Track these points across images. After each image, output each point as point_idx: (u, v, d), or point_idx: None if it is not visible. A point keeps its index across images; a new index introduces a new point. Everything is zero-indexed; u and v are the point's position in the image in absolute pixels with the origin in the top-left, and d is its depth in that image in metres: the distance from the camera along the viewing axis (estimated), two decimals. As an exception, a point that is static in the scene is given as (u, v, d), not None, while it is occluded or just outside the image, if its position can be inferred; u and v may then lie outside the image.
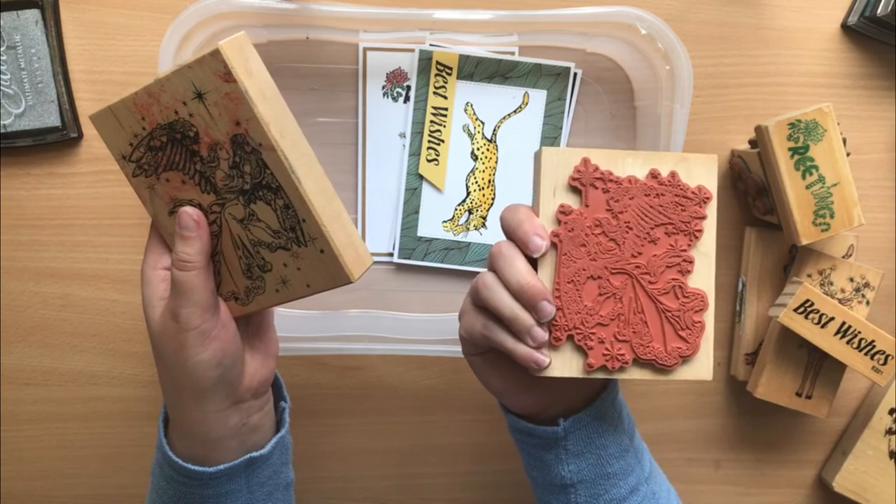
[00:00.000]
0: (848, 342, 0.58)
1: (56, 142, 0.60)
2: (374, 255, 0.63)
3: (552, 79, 0.62)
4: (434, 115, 0.62)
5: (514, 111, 0.63)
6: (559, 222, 0.45)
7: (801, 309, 0.58)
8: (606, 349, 0.45)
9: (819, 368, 0.62)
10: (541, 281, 0.43)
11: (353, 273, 0.43)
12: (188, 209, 0.44)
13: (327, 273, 0.43)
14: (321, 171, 0.44)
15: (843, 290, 0.61)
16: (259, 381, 0.47)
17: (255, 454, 0.46)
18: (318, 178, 0.44)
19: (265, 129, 0.41)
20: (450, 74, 0.62)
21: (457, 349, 0.61)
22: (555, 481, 0.49)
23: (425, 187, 0.63)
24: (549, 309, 0.43)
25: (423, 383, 0.66)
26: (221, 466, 0.45)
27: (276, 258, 0.44)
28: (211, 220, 0.45)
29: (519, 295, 0.43)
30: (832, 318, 0.58)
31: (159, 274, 0.45)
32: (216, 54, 0.40)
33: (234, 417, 0.45)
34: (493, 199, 0.64)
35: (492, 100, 0.62)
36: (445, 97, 0.62)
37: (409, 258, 0.64)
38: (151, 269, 0.46)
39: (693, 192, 0.45)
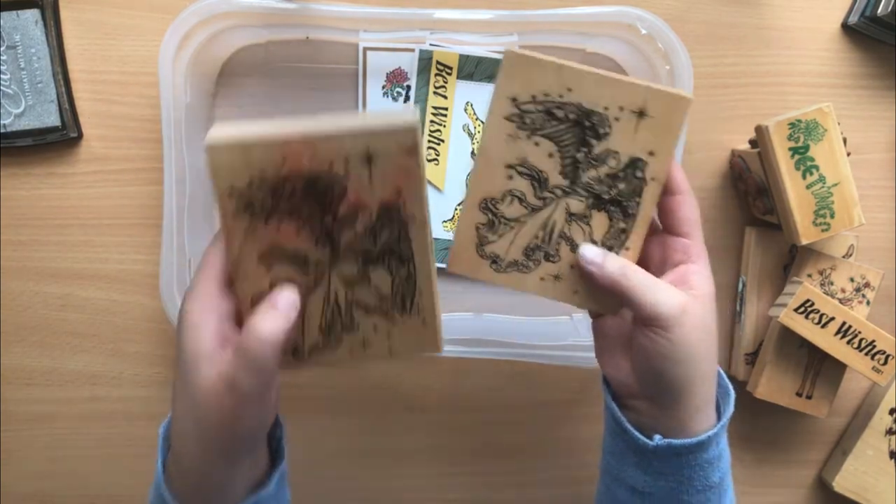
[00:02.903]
0: (848, 342, 0.58)
1: (56, 142, 0.60)
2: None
3: (552, 79, 0.62)
4: (434, 114, 0.62)
5: (515, 111, 0.63)
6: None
7: (802, 309, 0.58)
8: None
9: (819, 368, 0.62)
10: None
11: (441, 343, 0.44)
12: (291, 290, 0.41)
13: (419, 341, 0.44)
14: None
15: (843, 290, 0.61)
16: (271, 424, 0.45)
17: (262, 494, 0.44)
18: (435, 259, 0.44)
19: (424, 205, 0.41)
20: (450, 74, 0.62)
21: (457, 349, 0.61)
22: (628, 480, 0.48)
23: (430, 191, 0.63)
24: None
25: (424, 383, 0.66)
26: None
27: (369, 320, 0.43)
28: (311, 272, 0.42)
29: None
30: (832, 318, 0.58)
31: (210, 326, 0.41)
32: (410, 130, 0.39)
33: (245, 467, 0.44)
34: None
35: (492, 100, 0.62)
36: (445, 97, 0.62)
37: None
38: (201, 315, 0.41)
39: None
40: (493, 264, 0.46)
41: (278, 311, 0.40)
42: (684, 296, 0.44)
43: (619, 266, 0.45)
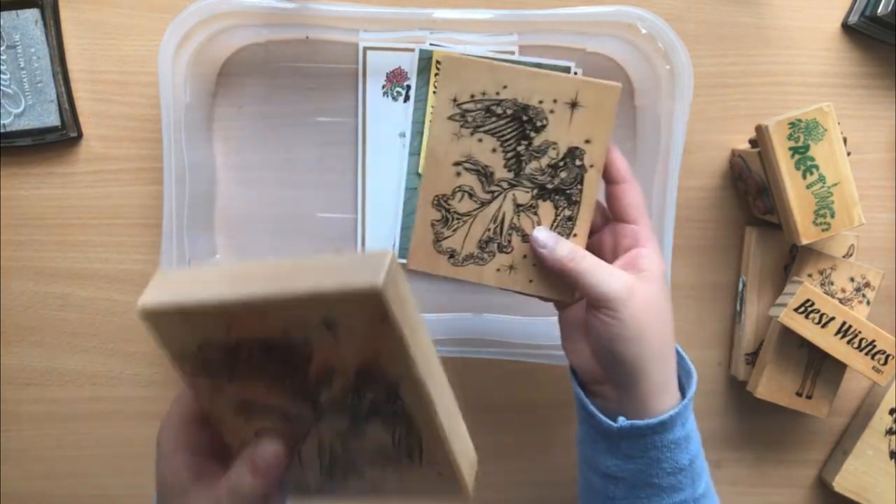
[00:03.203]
0: (848, 342, 0.58)
1: (56, 141, 0.60)
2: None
3: (552, 78, 0.62)
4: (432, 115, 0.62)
5: (515, 111, 0.63)
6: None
7: (802, 309, 0.58)
8: None
9: (819, 368, 0.62)
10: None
11: (469, 487, 0.37)
12: (273, 450, 0.37)
13: (439, 490, 0.38)
14: (445, 380, 0.37)
15: (843, 290, 0.61)
16: None
17: None
18: (447, 396, 0.37)
19: (414, 365, 0.33)
20: (450, 74, 0.62)
21: (457, 349, 0.61)
22: (600, 466, 0.49)
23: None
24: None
25: (424, 383, 0.66)
26: None
27: (374, 468, 0.38)
28: (297, 424, 0.37)
29: None
30: (832, 318, 0.58)
31: (183, 460, 0.39)
32: (373, 297, 0.30)
33: None
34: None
35: (492, 99, 0.62)
36: (445, 97, 0.62)
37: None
38: (173, 450, 0.40)
39: None
40: (450, 258, 0.48)
41: (257, 473, 0.37)
42: (631, 277, 0.46)
43: (568, 250, 0.47)
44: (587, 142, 0.46)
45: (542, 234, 0.47)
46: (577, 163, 0.47)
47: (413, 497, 0.39)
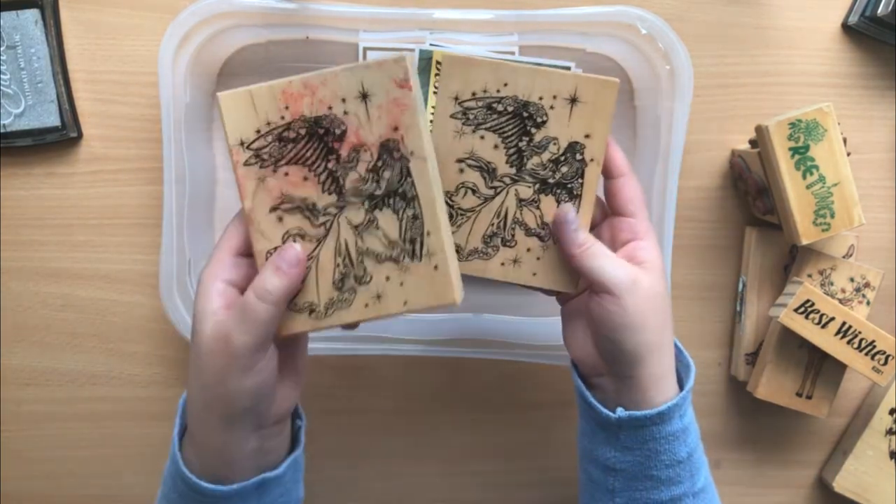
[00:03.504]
0: (848, 342, 0.58)
1: (56, 141, 0.60)
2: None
3: (552, 79, 0.62)
4: (434, 113, 0.62)
5: (515, 111, 0.63)
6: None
7: (802, 309, 0.58)
8: None
9: (819, 368, 0.62)
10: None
11: (457, 294, 0.44)
12: (297, 248, 0.43)
13: (433, 291, 0.44)
14: (443, 197, 0.45)
15: (843, 290, 0.61)
16: (285, 409, 0.47)
17: (268, 475, 0.46)
18: (442, 196, 0.45)
19: (422, 139, 0.43)
20: (450, 74, 0.62)
21: (457, 349, 0.61)
22: (599, 458, 0.49)
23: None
24: None
25: (424, 383, 0.66)
26: (235, 486, 0.44)
27: (380, 270, 0.44)
28: (321, 221, 0.44)
29: None
30: (832, 318, 0.58)
31: (218, 287, 0.43)
32: (400, 60, 0.42)
33: (253, 442, 0.45)
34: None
35: (492, 100, 0.62)
36: (445, 97, 0.62)
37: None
38: (211, 279, 0.44)
39: None
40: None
41: (281, 270, 0.42)
42: (634, 268, 0.47)
43: (584, 237, 0.47)
44: (587, 136, 0.47)
45: (573, 213, 0.48)
46: (578, 157, 0.48)
47: (409, 308, 0.44)
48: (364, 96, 0.43)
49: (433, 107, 0.62)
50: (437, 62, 0.61)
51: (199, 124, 0.60)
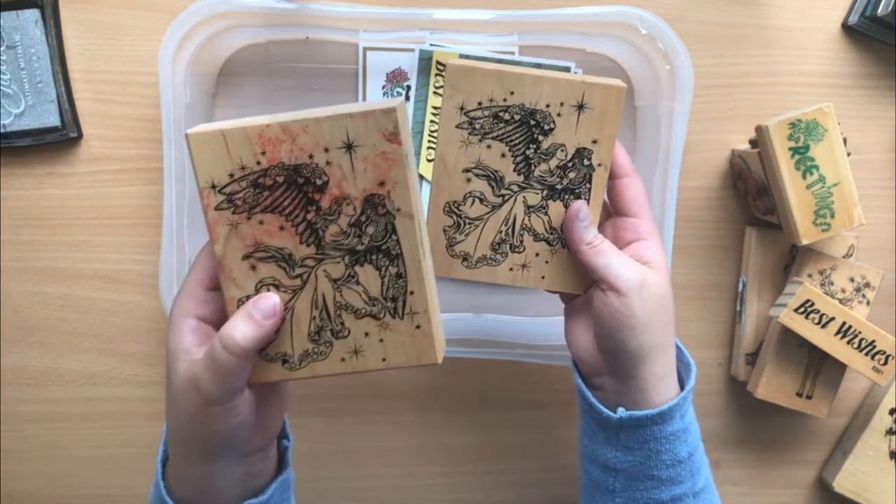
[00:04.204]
0: (848, 342, 0.58)
1: (56, 141, 0.60)
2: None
3: (552, 79, 0.62)
4: (434, 114, 0.62)
5: (515, 111, 0.63)
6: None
7: (802, 309, 0.58)
8: None
9: (819, 368, 0.62)
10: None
11: (439, 355, 0.43)
12: (274, 298, 0.41)
13: (415, 351, 0.42)
14: (430, 258, 0.43)
15: (843, 290, 0.61)
16: (270, 435, 0.46)
17: (252, 501, 0.44)
18: (429, 252, 0.43)
19: (410, 196, 0.40)
20: (450, 74, 0.62)
21: (457, 349, 0.61)
22: (600, 458, 0.49)
23: (425, 187, 0.63)
24: None
25: (424, 383, 0.66)
26: None
27: (359, 325, 0.42)
28: (297, 273, 0.41)
29: None
30: (832, 318, 0.58)
31: (190, 324, 0.41)
32: (390, 112, 0.39)
33: (237, 472, 0.44)
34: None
35: (492, 100, 0.62)
36: (445, 97, 0.62)
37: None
38: (183, 315, 0.42)
39: None
40: (463, 262, 0.49)
41: (253, 320, 0.40)
42: (642, 267, 0.46)
43: (593, 235, 0.47)
44: (594, 142, 0.47)
45: (585, 210, 0.47)
46: (586, 163, 0.47)
47: (388, 366, 0.42)
48: (349, 147, 0.40)
49: (435, 107, 0.62)
50: (438, 62, 0.61)
51: (198, 124, 0.60)
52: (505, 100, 0.46)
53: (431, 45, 0.61)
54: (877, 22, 0.60)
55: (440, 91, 0.62)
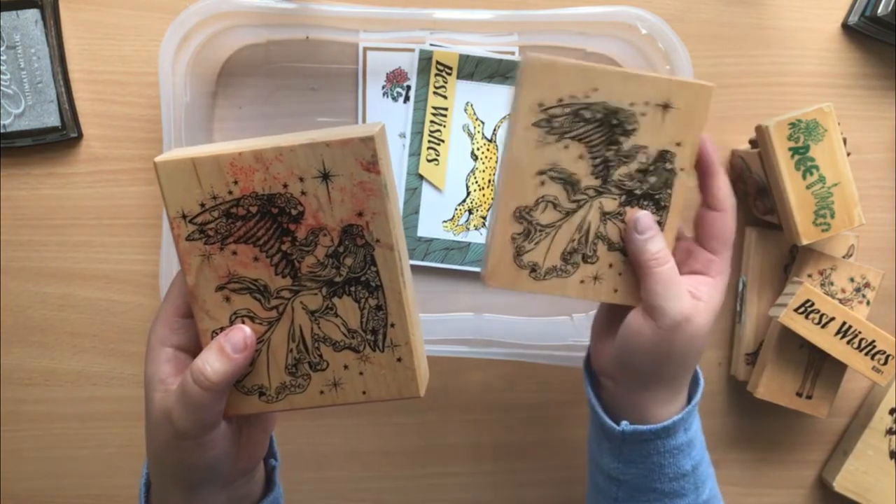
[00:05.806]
0: (848, 342, 0.58)
1: (56, 142, 0.60)
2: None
3: (552, 79, 0.62)
4: (434, 114, 0.62)
5: (515, 111, 0.63)
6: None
7: (802, 309, 0.58)
8: None
9: (819, 368, 0.62)
10: None
11: (421, 388, 0.41)
12: (246, 331, 0.39)
13: (396, 384, 0.41)
14: (412, 288, 0.42)
15: (843, 290, 0.61)
16: (254, 460, 0.44)
17: None
18: (411, 282, 0.42)
19: (390, 226, 0.39)
20: (450, 74, 0.62)
21: (457, 349, 0.61)
22: (604, 467, 0.49)
23: (425, 187, 0.63)
24: None
25: (424, 383, 0.66)
26: None
27: (338, 358, 0.41)
28: (272, 305, 0.40)
29: None
30: (833, 318, 0.58)
31: (166, 353, 0.40)
32: (368, 141, 0.37)
33: (221, 498, 0.43)
34: (493, 198, 0.64)
35: (492, 100, 0.62)
36: (445, 97, 0.62)
37: (409, 258, 0.64)
38: (159, 343, 0.41)
39: None
40: (531, 273, 0.46)
41: (224, 354, 0.39)
42: (694, 303, 0.45)
43: (657, 249, 0.45)
44: (678, 144, 0.45)
45: (646, 220, 0.45)
46: (668, 166, 0.45)
47: (368, 399, 0.41)
48: (325, 176, 0.38)
49: (435, 107, 0.62)
50: (437, 62, 0.61)
51: (199, 124, 0.60)
52: (587, 97, 0.43)
53: (431, 45, 0.61)
54: (877, 22, 0.60)
55: (440, 91, 0.62)
